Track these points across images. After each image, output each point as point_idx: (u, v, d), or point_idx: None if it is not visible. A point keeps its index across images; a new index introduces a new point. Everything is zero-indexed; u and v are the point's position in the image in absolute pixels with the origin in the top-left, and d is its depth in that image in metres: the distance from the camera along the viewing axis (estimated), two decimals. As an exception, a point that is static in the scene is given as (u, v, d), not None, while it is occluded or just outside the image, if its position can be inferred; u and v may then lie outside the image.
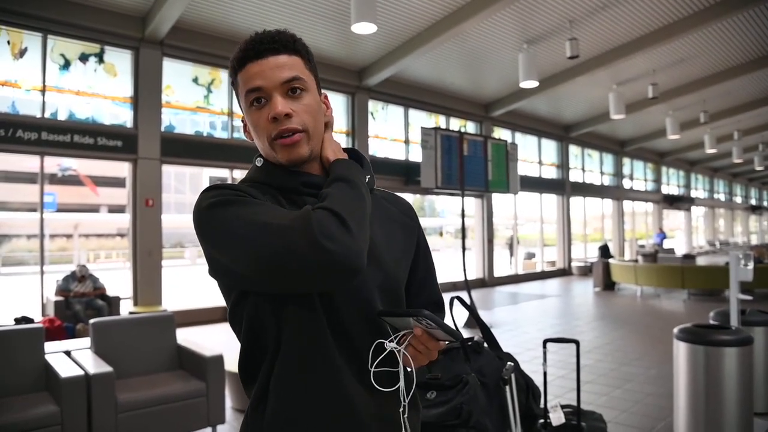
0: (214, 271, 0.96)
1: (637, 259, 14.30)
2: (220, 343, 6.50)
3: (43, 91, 7.63)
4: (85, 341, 3.95)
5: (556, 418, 2.74)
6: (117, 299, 7.65)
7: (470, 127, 14.05)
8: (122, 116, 8.39)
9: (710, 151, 19.00)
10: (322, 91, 1.09)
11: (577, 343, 3.12)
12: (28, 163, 10.78)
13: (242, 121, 1.07)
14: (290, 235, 0.83)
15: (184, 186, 28.09)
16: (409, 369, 1.00)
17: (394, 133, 12.50)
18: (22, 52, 7.52)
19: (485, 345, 2.66)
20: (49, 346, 3.76)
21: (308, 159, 1.02)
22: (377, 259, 1.00)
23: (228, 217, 0.89)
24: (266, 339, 0.97)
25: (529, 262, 17.52)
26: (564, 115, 16.12)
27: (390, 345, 0.96)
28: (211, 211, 0.91)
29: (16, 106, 7.52)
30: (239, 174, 9.80)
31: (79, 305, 7.18)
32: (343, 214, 0.86)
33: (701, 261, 15.29)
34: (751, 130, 19.08)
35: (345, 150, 1.14)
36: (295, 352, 0.95)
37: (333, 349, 0.95)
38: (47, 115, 7.67)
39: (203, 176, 26.55)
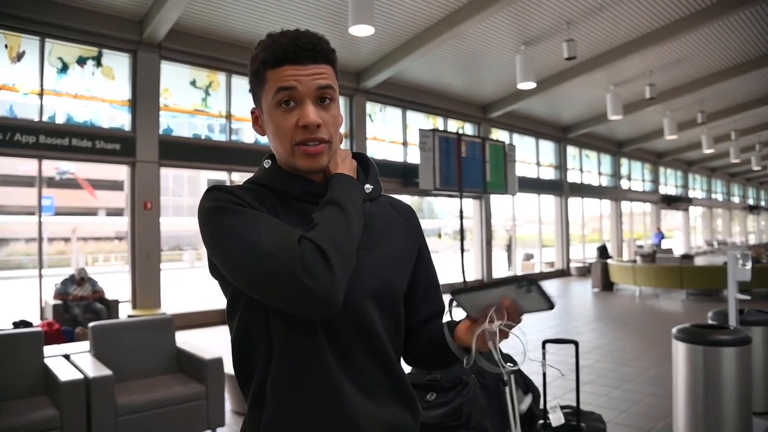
0: (212, 270, 1.01)
1: (635, 259, 14.31)
2: (219, 345, 6.47)
3: (40, 94, 7.63)
4: (84, 345, 3.94)
5: (556, 418, 2.75)
6: (116, 302, 7.64)
7: (468, 129, 14.06)
8: (120, 119, 8.38)
9: (708, 151, 19.05)
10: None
11: (576, 343, 3.12)
12: (26, 166, 10.75)
13: (252, 113, 1.07)
14: (273, 263, 0.86)
15: (182, 189, 28.05)
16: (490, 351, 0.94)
17: (392, 135, 12.51)
18: (19, 56, 7.52)
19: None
20: (48, 350, 3.76)
21: (324, 168, 1.03)
22: (372, 267, 1.01)
23: (221, 227, 0.92)
24: (258, 340, 0.98)
25: (527, 263, 17.51)
26: (562, 116, 16.15)
27: (491, 326, 0.91)
28: (209, 216, 0.94)
29: (13, 109, 7.51)
30: (237, 176, 9.80)
31: (77, 309, 7.17)
32: (327, 250, 0.87)
33: (699, 261, 15.31)
34: (748, 130, 19.12)
35: (353, 155, 1.14)
36: (287, 356, 0.95)
37: (327, 354, 0.95)
38: (45, 118, 7.66)
39: (201, 179, 26.51)
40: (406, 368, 1.13)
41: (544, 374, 3.04)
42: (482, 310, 0.93)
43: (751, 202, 35.43)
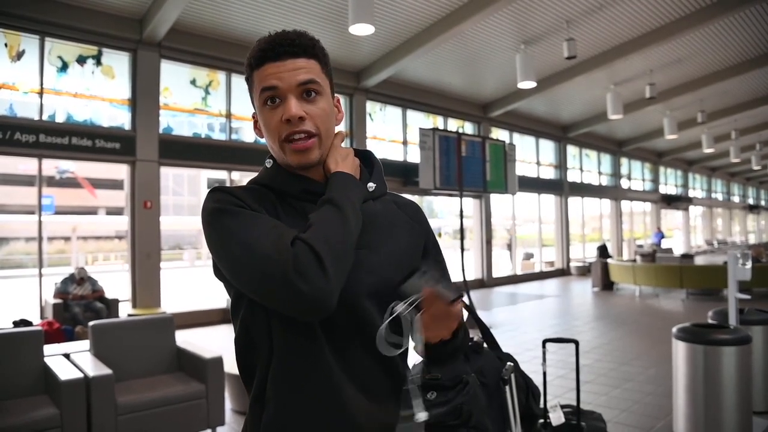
0: (215, 271, 1.01)
1: (635, 258, 14.30)
2: (219, 344, 6.48)
3: (40, 93, 7.62)
4: (84, 344, 3.94)
5: (556, 417, 2.75)
6: (116, 302, 7.64)
7: (468, 128, 14.06)
8: (120, 118, 8.38)
9: (708, 150, 19.04)
10: (335, 95, 1.09)
11: (576, 343, 3.12)
12: (26, 165, 10.76)
13: (253, 117, 1.08)
14: (268, 264, 0.86)
15: (182, 188, 28.06)
16: (422, 338, 0.97)
17: (393, 134, 12.50)
18: (19, 55, 7.51)
19: (485, 345, 2.66)
20: (48, 349, 3.76)
21: (317, 163, 1.03)
22: (372, 266, 1.01)
23: (221, 229, 0.93)
24: (259, 340, 0.98)
25: (527, 263, 17.51)
26: (562, 115, 16.15)
27: (399, 308, 0.94)
28: (211, 217, 0.95)
29: (13, 108, 7.51)
30: (237, 175, 9.80)
31: (77, 308, 7.17)
32: (321, 251, 0.87)
33: (699, 260, 15.30)
34: (748, 129, 19.12)
35: (358, 152, 1.14)
36: (287, 356, 0.96)
37: (327, 354, 0.95)
38: (45, 117, 7.66)
39: (201, 178, 26.53)
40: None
41: (544, 373, 3.04)
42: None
43: (751, 201, 35.42)
